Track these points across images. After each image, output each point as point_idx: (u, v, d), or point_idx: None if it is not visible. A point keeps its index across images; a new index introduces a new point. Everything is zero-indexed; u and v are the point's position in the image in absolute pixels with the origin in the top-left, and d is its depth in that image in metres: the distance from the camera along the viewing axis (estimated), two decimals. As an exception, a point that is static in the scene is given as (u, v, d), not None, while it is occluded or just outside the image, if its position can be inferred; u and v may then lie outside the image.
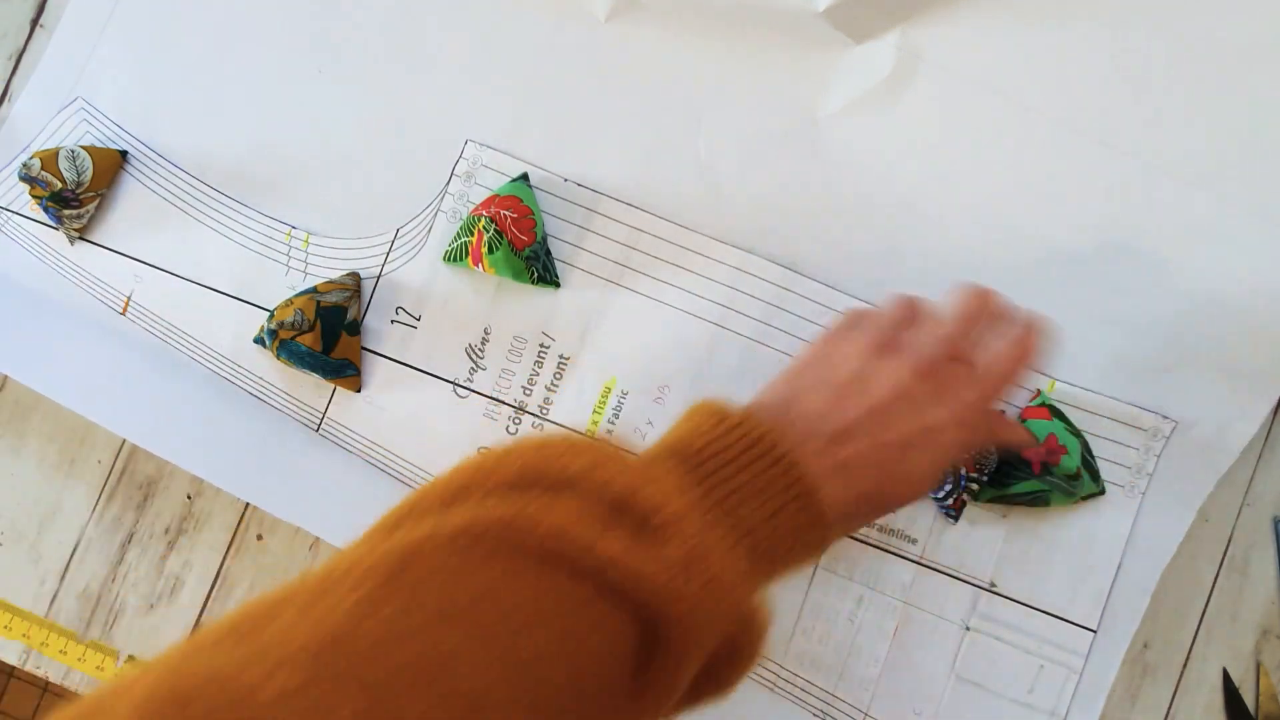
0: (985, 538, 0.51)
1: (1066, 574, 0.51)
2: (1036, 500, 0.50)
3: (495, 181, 0.52)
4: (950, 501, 0.50)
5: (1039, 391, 0.51)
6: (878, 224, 0.52)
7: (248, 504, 0.53)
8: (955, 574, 0.51)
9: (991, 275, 0.52)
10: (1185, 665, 0.52)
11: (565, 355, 0.52)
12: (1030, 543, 0.51)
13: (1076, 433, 0.50)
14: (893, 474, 0.37)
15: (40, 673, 0.53)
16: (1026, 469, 0.49)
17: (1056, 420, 0.50)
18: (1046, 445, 0.49)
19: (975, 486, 0.50)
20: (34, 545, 0.54)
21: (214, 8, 0.54)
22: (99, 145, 0.54)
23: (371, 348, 0.52)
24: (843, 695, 0.51)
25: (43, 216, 0.54)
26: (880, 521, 0.51)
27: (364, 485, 0.51)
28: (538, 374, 0.52)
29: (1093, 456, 0.51)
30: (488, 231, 0.49)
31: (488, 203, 0.50)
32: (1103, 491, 0.51)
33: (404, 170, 0.53)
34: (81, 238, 0.54)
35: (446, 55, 0.53)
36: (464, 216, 0.52)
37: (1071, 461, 0.48)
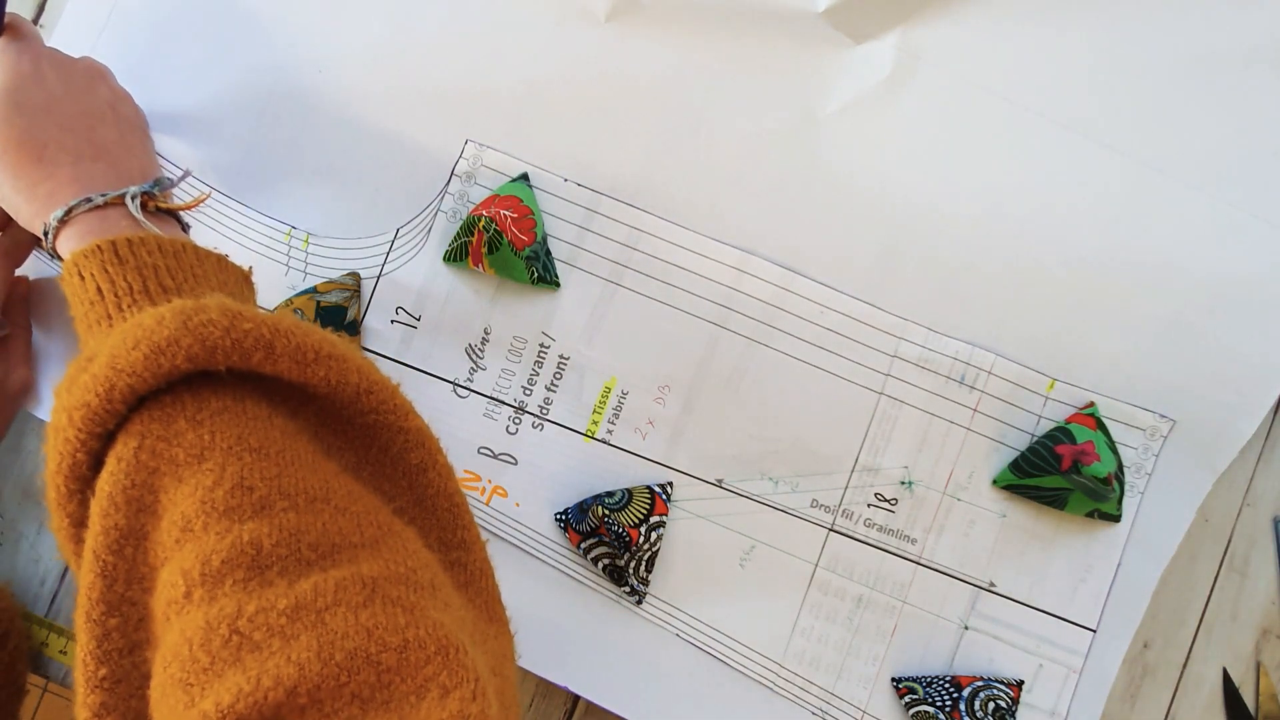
0: (984, 537, 0.51)
1: (1066, 573, 0.51)
2: (1055, 500, 0.50)
3: (495, 181, 0.52)
4: None
5: (1091, 403, 0.51)
6: (877, 224, 0.52)
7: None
8: (954, 574, 0.51)
9: (990, 275, 0.52)
10: (1185, 665, 0.52)
11: (565, 355, 0.52)
12: (1029, 542, 0.51)
13: (1114, 450, 0.50)
14: None
15: (40, 673, 0.53)
16: (1055, 464, 0.49)
17: (1099, 432, 0.50)
18: (1082, 447, 0.49)
19: None
20: (34, 545, 0.54)
21: (213, 7, 0.54)
22: (99, 145, 0.54)
23: (371, 348, 0.52)
24: (841, 694, 0.51)
25: (43, 216, 0.54)
26: (880, 521, 0.51)
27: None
28: (538, 374, 0.52)
29: (1123, 478, 0.51)
30: (488, 231, 0.49)
31: (488, 203, 0.50)
32: (1119, 518, 0.51)
33: (404, 170, 0.53)
34: (81, 238, 0.54)
35: (446, 55, 0.53)
36: (464, 216, 0.52)
37: (1103, 468, 0.48)
